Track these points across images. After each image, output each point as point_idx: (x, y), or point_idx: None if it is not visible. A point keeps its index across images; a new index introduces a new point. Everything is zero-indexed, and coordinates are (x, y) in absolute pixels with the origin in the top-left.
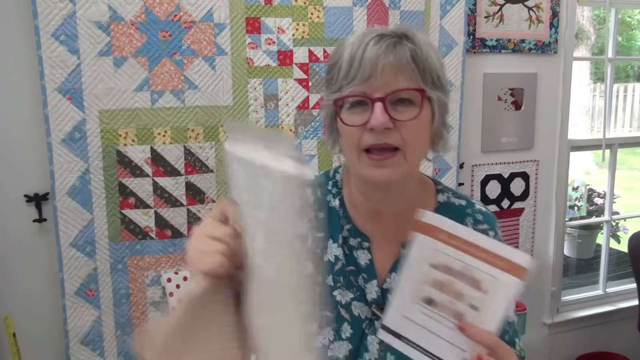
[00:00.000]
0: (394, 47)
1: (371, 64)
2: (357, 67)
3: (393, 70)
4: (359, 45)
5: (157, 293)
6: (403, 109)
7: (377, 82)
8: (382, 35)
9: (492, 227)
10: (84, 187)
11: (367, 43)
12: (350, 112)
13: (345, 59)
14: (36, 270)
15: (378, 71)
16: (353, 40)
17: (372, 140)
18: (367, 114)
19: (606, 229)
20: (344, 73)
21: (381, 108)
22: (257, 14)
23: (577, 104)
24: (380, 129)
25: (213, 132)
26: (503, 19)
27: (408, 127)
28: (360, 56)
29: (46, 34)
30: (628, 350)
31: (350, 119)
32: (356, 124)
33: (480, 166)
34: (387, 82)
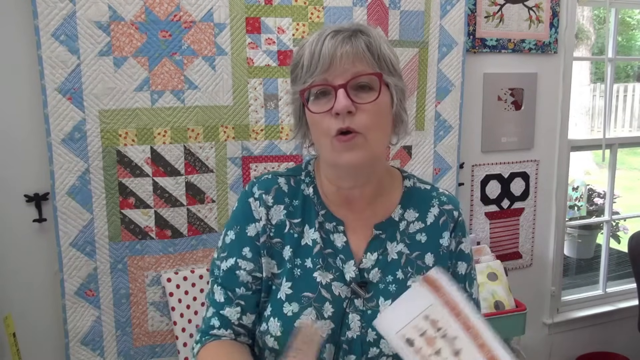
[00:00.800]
0: (349, 38)
1: (330, 54)
2: (317, 60)
3: (350, 58)
4: (318, 41)
5: (157, 293)
6: (363, 95)
7: (337, 70)
8: (337, 31)
9: (456, 208)
10: (83, 187)
11: (324, 38)
12: (316, 103)
13: (306, 56)
14: (36, 270)
15: (337, 60)
16: (312, 39)
17: (338, 124)
18: (331, 102)
19: (606, 229)
20: (306, 68)
21: (343, 93)
22: (257, 14)
23: (577, 104)
24: (344, 112)
25: (213, 132)
26: (503, 19)
27: (369, 111)
28: (319, 50)
29: (46, 34)
30: (628, 350)
31: (316, 108)
32: (322, 111)
33: (480, 166)
34: (346, 69)
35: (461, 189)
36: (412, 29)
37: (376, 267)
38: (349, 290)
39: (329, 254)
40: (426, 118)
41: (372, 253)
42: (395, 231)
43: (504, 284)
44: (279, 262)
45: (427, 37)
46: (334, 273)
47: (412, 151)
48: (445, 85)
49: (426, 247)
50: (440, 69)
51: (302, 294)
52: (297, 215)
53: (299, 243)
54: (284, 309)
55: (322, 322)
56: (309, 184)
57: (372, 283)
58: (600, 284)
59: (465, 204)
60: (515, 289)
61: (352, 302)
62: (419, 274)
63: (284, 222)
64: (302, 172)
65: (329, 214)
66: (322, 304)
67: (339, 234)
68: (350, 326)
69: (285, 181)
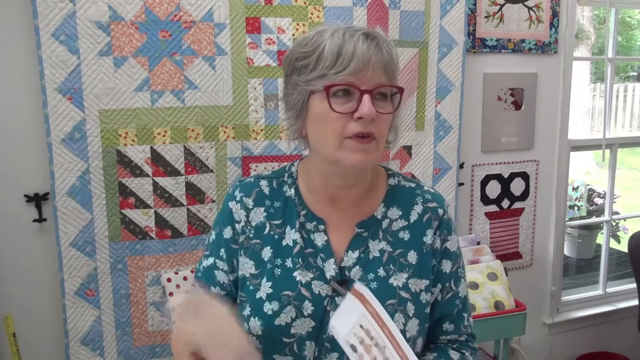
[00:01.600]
0: (378, 46)
1: (364, 58)
2: (349, 60)
3: (381, 66)
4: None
5: (157, 293)
6: (382, 104)
7: (366, 75)
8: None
9: (441, 206)
10: (83, 187)
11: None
12: (334, 101)
13: (329, 49)
14: (36, 270)
15: (370, 66)
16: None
17: (359, 128)
18: (351, 104)
19: (606, 229)
20: (329, 62)
21: (370, 100)
22: (257, 14)
23: (577, 104)
24: (368, 118)
25: (213, 132)
26: (503, 19)
27: (384, 120)
28: (351, 50)
29: (46, 34)
30: (628, 350)
31: (337, 107)
32: (344, 111)
33: (480, 166)
34: (374, 77)
35: (461, 189)
36: (412, 29)
37: (357, 265)
38: (330, 288)
39: (310, 253)
40: (426, 118)
41: (353, 251)
42: (377, 229)
43: (504, 284)
44: (257, 262)
45: (427, 37)
46: (314, 272)
47: (412, 151)
48: (445, 85)
49: (409, 244)
50: (440, 69)
51: (282, 292)
52: (278, 216)
53: (279, 244)
54: (264, 308)
55: (301, 320)
56: (290, 185)
57: (353, 281)
58: (600, 284)
59: (465, 204)
60: (515, 289)
61: (333, 300)
62: (401, 272)
63: (264, 224)
64: (285, 174)
65: (309, 213)
66: (301, 302)
67: (320, 233)
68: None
69: (267, 183)
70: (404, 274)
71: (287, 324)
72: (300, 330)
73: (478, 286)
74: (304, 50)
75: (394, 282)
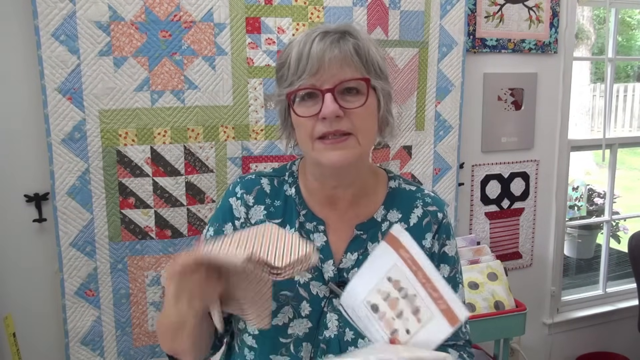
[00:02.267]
0: (337, 41)
1: (318, 58)
2: (305, 62)
3: (338, 62)
4: (305, 43)
5: (157, 293)
6: (351, 98)
7: (325, 74)
8: (325, 32)
9: (441, 210)
10: (83, 187)
11: (312, 40)
12: (302, 105)
13: (293, 57)
14: (36, 270)
15: (325, 64)
16: (299, 39)
17: (324, 128)
18: (318, 105)
19: (606, 229)
20: (293, 69)
21: (331, 98)
22: (257, 13)
23: (577, 104)
24: (331, 117)
25: (213, 132)
26: (503, 19)
27: (357, 114)
28: (307, 52)
29: (46, 34)
30: (628, 350)
31: (302, 111)
32: (308, 115)
33: (480, 166)
34: (334, 74)
35: (461, 189)
36: (412, 29)
37: (356, 267)
38: (327, 289)
39: None
40: (426, 118)
41: (352, 253)
42: (377, 232)
43: (504, 284)
44: None
45: (427, 37)
46: (312, 272)
47: (412, 151)
48: (445, 85)
49: None
50: (440, 69)
51: (280, 292)
52: (278, 215)
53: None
54: None
55: (298, 320)
56: (291, 184)
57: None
58: (600, 284)
59: (465, 204)
60: (515, 289)
61: (330, 302)
62: None
63: (264, 222)
64: (286, 173)
65: (309, 213)
66: (299, 303)
67: (319, 234)
68: (328, 325)
69: (268, 182)
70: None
71: (285, 324)
72: (297, 331)
73: (478, 286)
74: (280, 62)
75: None
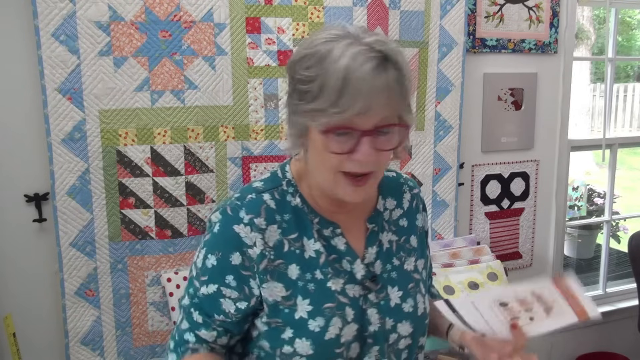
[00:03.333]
0: (386, 77)
1: (367, 102)
2: (355, 98)
3: (385, 104)
4: (357, 68)
5: (157, 293)
6: (384, 138)
7: (370, 113)
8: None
9: (419, 190)
10: (83, 187)
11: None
12: (333, 139)
13: (333, 78)
14: (36, 270)
15: (373, 108)
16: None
17: (355, 168)
18: (351, 142)
19: (606, 229)
20: (332, 98)
21: (369, 143)
22: (257, 13)
23: (577, 104)
24: (367, 164)
25: (213, 132)
26: (503, 19)
27: (385, 154)
28: (358, 86)
29: (46, 34)
30: (628, 350)
31: (333, 146)
32: (341, 152)
33: (480, 166)
34: (378, 113)
35: (461, 189)
36: (412, 29)
37: (378, 259)
38: (360, 288)
39: (335, 260)
40: (426, 118)
41: (371, 247)
42: (382, 221)
43: (504, 284)
44: (286, 283)
45: (427, 37)
46: (344, 277)
47: (412, 151)
48: (445, 85)
49: (409, 230)
50: (440, 69)
51: (323, 306)
52: (292, 230)
53: (303, 257)
54: (309, 326)
55: (347, 327)
56: (293, 193)
57: (380, 276)
58: (600, 284)
59: (465, 204)
60: None
61: (366, 299)
62: (410, 257)
63: (282, 242)
64: (283, 182)
65: (323, 220)
66: (343, 310)
67: (339, 237)
68: (371, 321)
69: (270, 196)
70: (412, 258)
71: (337, 336)
72: (348, 337)
73: (478, 286)
74: (307, 74)
75: (407, 267)
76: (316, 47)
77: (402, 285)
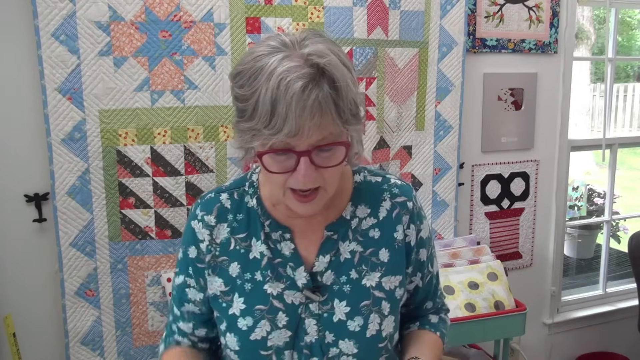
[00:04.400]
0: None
1: (297, 124)
2: (282, 122)
3: (318, 124)
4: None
5: (157, 293)
6: (326, 155)
7: (302, 137)
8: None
9: (410, 198)
10: (83, 187)
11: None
12: (273, 158)
13: (263, 99)
14: (36, 270)
15: (305, 129)
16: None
17: (299, 185)
18: (291, 161)
19: (606, 229)
20: (264, 119)
21: (307, 163)
22: (257, 13)
23: (577, 104)
24: (308, 183)
25: (213, 132)
26: (503, 19)
27: (330, 171)
28: (284, 112)
29: (46, 34)
30: (628, 350)
31: (274, 166)
32: (281, 171)
33: (480, 166)
34: (313, 134)
35: (461, 189)
36: (412, 29)
37: (329, 269)
38: (302, 296)
39: (279, 264)
40: (426, 118)
41: (324, 255)
42: (347, 230)
43: (504, 284)
44: (226, 280)
45: (427, 37)
46: (284, 282)
47: (412, 151)
48: (445, 85)
49: (380, 242)
50: (440, 69)
51: (255, 307)
52: (242, 229)
53: (246, 258)
54: (239, 324)
55: (277, 332)
56: (252, 195)
57: (325, 286)
58: (600, 284)
59: (465, 204)
60: (515, 289)
61: (307, 308)
62: (373, 271)
63: (229, 240)
64: (246, 183)
65: (274, 223)
66: (274, 315)
67: (286, 242)
68: (308, 331)
69: (228, 196)
70: (377, 273)
71: (263, 338)
72: (277, 342)
73: (478, 286)
74: (241, 93)
75: (367, 283)
76: (249, 63)
77: (352, 301)
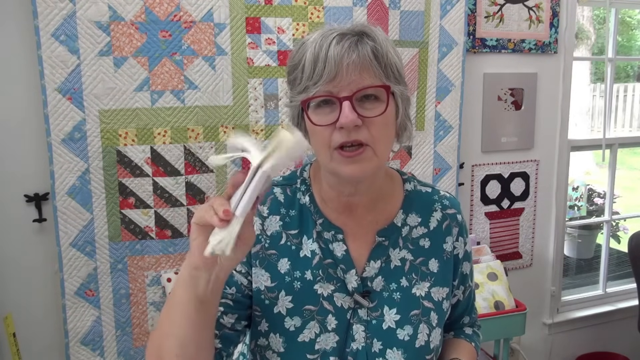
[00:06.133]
0: (355, 45)
1: (335, 63)
2: (322, 68)
3: (357, 68)
4: (321, 45)
5: (157, 293)
6: (370, 106)
7: (342, 81)
8: (342, 35)
9: (459, 211)
10: (83, 187)
11: (329, 43)
12: (318, 112)
13: (307, 59)
14: (36, 270)
15: (343, 70)
16: (314, 40)
17: (342, 138)
18: (335, 113)
19: (606, 229)
20: (308, 73)
21: (349, 106)
22: (257, 14)
23: (577, 104)
24: (350, 127)
25: (213, 132)
26: (503, 19)
27: (376, 124)
28: (323, 56)
29: (46, 34)
30: (628, 350)
31: (318, 119)
32: (325, 124)
33: (480, 166)
34: (352, 81)
35: (461, 189)
36: (412, 29)
37: (379, 275)
38: (351, 300)
39: (329, 264)
40: (426, 118)
41: (375, 261)
42: (398, 237)
43: (504, 284)
44: (273, 274)
45: (427, 37)
46: (335, 284)
47: (412, 151)
48: (445, 85)
49: (430, 252)
50: (440, 69)
51: (304, 307)
52: (294, 226)
53: (297, 255)
54: (286, 324)
55: (325, 335)
56: (304, 192)
57: (375, 292)
58: (600, 284)
59: (465, 204)
60: (515, 289)
61: (355, 313)
62: (423, 281)
63: (280, 234)
64: (298, 180)
65: (326, 222)
66: (324, 317)
67: (339, 243)
68: (355, 337)
69: (281, 191)
70: (427, 283)
71: (312, 340)
72: (325, 346)
73: (478, 286)
74: (292, 64)
75: (417, 292)
76: (297, 44)
77: (402, 309)
